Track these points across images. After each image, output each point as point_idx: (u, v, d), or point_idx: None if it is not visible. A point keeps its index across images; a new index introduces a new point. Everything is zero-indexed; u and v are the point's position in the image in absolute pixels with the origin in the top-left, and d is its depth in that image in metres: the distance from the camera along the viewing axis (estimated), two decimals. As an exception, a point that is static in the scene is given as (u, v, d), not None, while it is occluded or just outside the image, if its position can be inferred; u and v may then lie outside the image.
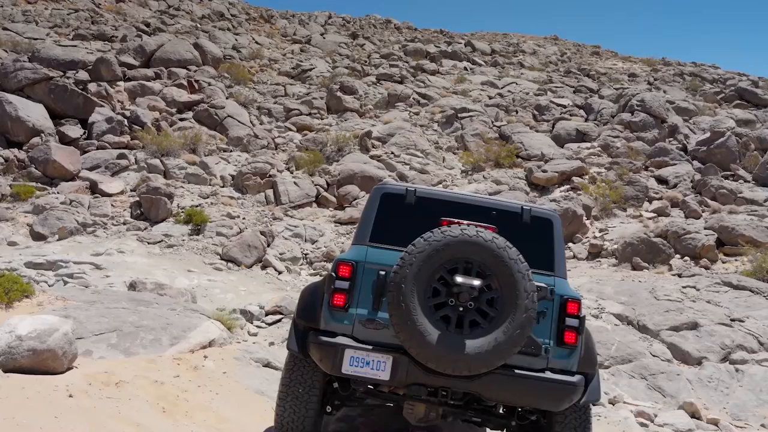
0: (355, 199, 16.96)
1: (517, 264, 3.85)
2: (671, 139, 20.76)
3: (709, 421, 7.55)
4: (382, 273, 4.06)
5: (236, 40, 31.53)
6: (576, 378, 4.07)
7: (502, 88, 27.81)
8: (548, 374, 4.03)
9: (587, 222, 15.22)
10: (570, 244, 14.33)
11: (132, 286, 9.65)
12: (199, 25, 32.95)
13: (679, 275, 12.20)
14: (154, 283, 9.70)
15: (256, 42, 32.65)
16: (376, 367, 3.96)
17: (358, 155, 19.51)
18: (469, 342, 3.77)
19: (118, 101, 21.52)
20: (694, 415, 7.61)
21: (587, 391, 4.19)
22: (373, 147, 20.42)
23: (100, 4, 33.48)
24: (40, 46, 23.54)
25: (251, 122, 22.12)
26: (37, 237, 13.84)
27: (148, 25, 30.09)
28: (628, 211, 15.95)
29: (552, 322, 4.16)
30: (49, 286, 10.17)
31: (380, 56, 31.99)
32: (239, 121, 21.57)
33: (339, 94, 24.41)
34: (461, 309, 3.84)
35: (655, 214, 15.47)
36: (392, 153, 20.07)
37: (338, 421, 5.31)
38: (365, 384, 4.27)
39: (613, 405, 7.61)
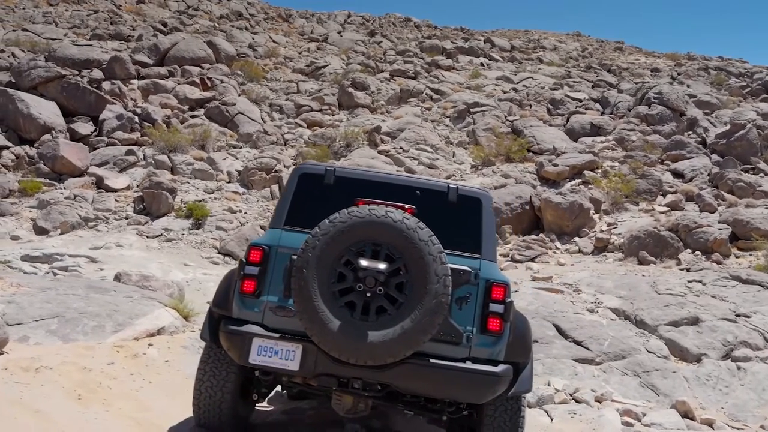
0: (361, 194, 16.70)
1: (428, 246, 3.55)
2: (690, 132, 20.04)
3: (703, 422, 7.07)
4: (295, 258, 3.77)
5: (253, 38, 31.57)
6: (500, 368, 3.75)
7: (517, 83, 27.27)
8: (469, 364, 3.71)
9: (596, 216, 14.71)
10: (576, 238, 13.86)
11: (117, 278, 9.56)
12: (217, 25, 33.09)
13: (687, 270, 11.68)
14: (138, 274, 9.59)
15: (273, 41, 32.65)
16: (285, 357, 3.71)
17: (367, 150, 19.26)
18: (373, 330, 3.50)
19: (131, 99, 21.66)
20: (687, 414, 7.13)
21: (517, 381, 3.87)
22: (382, 142, 20.15)
23: (120, 5, 33.90)
24: (56, 45, 23.84)
25: (262, 119, 22.06)
26: (40, 231, 13.93)
27: (165, 24, 30.31)
28: (641, 206, 15.38)
29: (476, 307, 3.83)
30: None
31: (395, 53, 31.66)
32: (250, 118, 21.51)
33: (351, 90, 24.19)
34: (368, 295, 3.56)
35: (668, 208, 14.87)
36: (401, 148, 19.76)
37: (283, 413, 5.06)
38: (275, 374, 4.01)
39: (600, 403, 7.20)
